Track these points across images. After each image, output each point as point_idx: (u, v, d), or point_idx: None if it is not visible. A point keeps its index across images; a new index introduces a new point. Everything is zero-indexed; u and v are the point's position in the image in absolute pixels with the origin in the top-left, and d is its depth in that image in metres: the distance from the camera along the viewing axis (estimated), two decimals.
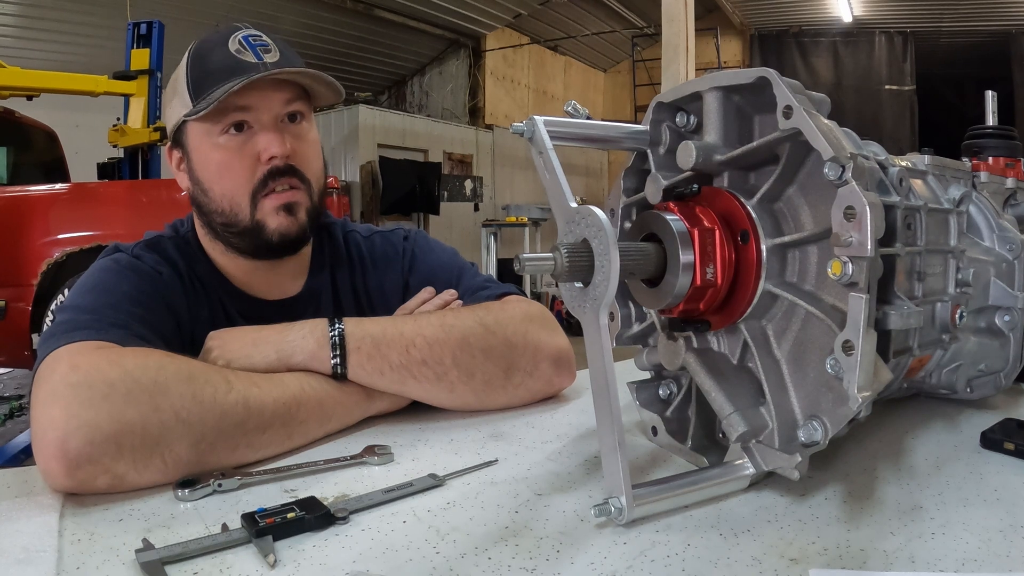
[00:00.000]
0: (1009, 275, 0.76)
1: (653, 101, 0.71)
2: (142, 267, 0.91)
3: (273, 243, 0.94)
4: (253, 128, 0.92)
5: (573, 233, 0.57)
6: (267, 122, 0.92)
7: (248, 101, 0.90)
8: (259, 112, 0.91)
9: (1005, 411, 0.84)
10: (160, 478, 0.66)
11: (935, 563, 0.50)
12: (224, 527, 0.55)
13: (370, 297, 1.09)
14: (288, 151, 0.92)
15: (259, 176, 0.92)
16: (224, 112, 0.90)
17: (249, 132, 0.92)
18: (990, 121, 0.88)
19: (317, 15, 9.38)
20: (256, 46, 0.91)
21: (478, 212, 10.19)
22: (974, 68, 10.36)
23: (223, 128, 0.91)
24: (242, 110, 0.91)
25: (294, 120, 0.95)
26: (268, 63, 0.90)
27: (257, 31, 0.93)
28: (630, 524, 0.56)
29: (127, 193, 4.30)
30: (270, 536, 0.53)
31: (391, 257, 1.13)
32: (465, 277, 1.07)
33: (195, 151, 0.95)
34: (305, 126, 0.97)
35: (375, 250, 1.13)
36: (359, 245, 1.12)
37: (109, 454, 0.63)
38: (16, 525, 0.58)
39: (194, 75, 0.92)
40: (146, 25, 5.20)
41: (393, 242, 1.14)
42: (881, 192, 0.62)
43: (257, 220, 0.93)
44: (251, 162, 0.92)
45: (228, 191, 0.93)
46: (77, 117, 6.49)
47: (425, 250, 1.14)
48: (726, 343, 0.66)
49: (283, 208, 0.93)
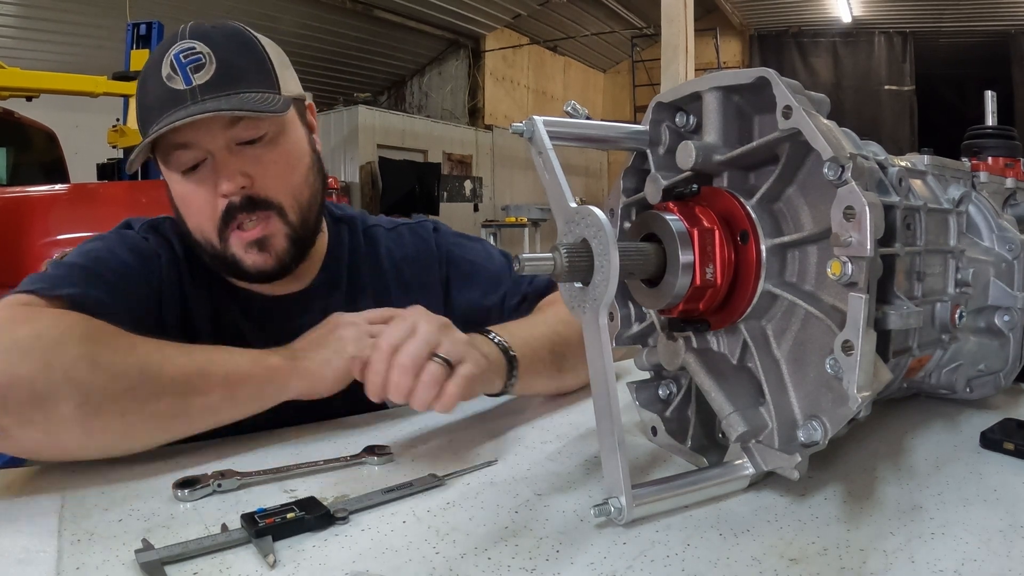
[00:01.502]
0: (1009, 275, 0.76)
1: (653, 101, 0.71)
2: (143, 246, 0.90)
3: (253, 277, 0.90)
4: (206, 162, 0.84)
5: (573, 233, 0.57)
6: (216, 151, 0.84)
7: (184, 138, 0.82)
8: (203, 144, 0.83)
9: (1005, 411, 0.84)
10: (42, 436, 0.64)
11: (935, 563, 0.50)
12: (224, 527, 0.55)
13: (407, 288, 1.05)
14: (240, 184, 0.84)
15: (220, 211, 0.85)
16: (168, 152, 0.84)
17: (203, 167, 0.85)
18: (990, 121, 0.88)
19: (316, 15, 9.39)
20: (187, 65, 0.82)
21: (478, 212, 10.21)
22: (974, 68, 10.38)
23: (177, 168, 0.85)
24: (183, 147, 0.83)
25: (253, 143, 0.85)
26: (198, 85, 0.81)
27: (192, 41, 0.83)
28: (630, 524, 0.56)
29: (126, 194, 4.31)
30: (270, 536, 0.53)
31: (424, 255, 1.09)
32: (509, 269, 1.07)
33: (166, 177, 0.89)
34: (266, 145, 0.86)
35: (406, 247, 1.08)
36: (383, 241, 1.08)
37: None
38: (16, 525, 0.58)
39: (139, 107, 0.86)
40: (145, 26, 5.21)
41: (423, 236, 1.10)
42: (881, 192, 0.62)
43: (232, 255, 0.87)
44: (210, 196, 0.85)
45: (195, 226, 0.88)
46: (77, 118, 6.49)
47: (459, 246, 1.11)
48: (726, 343, 0.66)
49: (254, 244, 0.87)
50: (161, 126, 0.80)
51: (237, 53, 0.85)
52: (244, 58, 0.86)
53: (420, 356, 0.71)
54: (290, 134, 0.90)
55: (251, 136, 0.85)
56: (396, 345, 0.72)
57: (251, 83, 0.84)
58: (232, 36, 0.87)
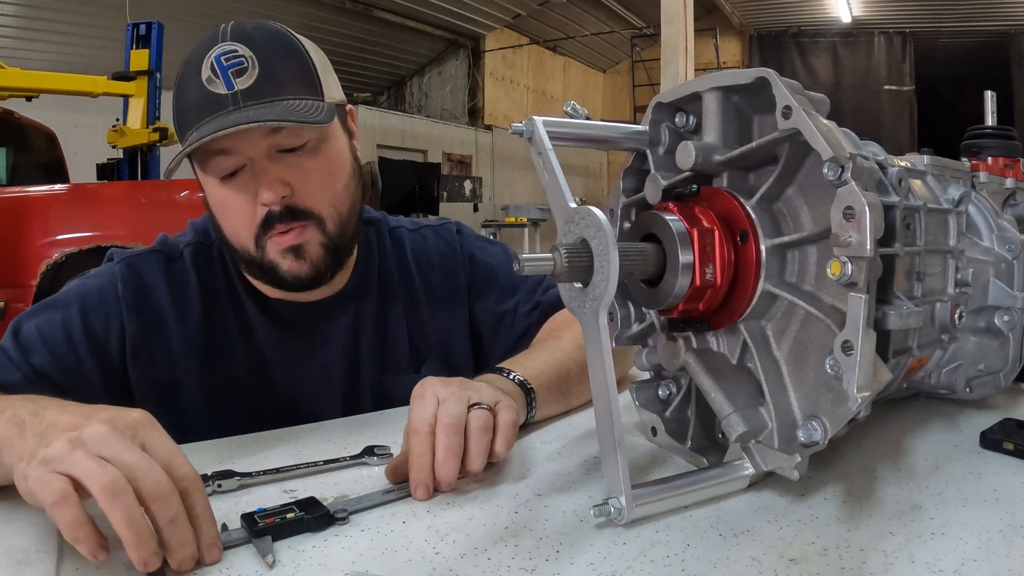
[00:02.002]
0: (1008, 275, 0.76)
1: (652, 101, 0.71)
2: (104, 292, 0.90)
3: (288, 284, 0.88)
4: (245, 168, 0.84)
5: (572, 233, 0.57)
6: (256, 158, 0.83)
7: (224, 144, 0.81)
8: (243, 150, 0.82)
9: (1005, 411, 0.84)
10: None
11: (935, 563, 0.50)
12: (223, 527, 0.55)
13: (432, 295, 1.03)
14: (281, 194, 0.83)
15: (259, 219, 0.84)
16: (208, 157, 0.83)
17: (242, 174, 0.84)
18: (989, 121, 0.88)
19: (316, 15, 9.39)
20: (228, 68, 0.80)
21: (477, 213, 10.20)
22: (973, 68, 10.39)
23: (216, 174, 0.84)
24: (223, 153, 0.82)
25: (293, 151, 0.84)
26: (240, 91, 0.80)
27: (234, 43, 0.81)
28: (630, 524, 0.56)
29: (126, 194, 4.30)
30: (269, 536, 0.53)
31: (449, 258, 1.07)
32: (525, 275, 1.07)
33: (202, 182, 0.89)
34: (307, 153, 0.85)
35: (429, 249, 1.07)
36: (408, 242, 1.06)
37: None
38: (16, 526, 0.58)
39: (176, 109, 0.85)
40: (145, 26, 5.21)
41: (447, 239, 1.09)
42: (880, 192, 0.62)
43: (268, 261, 0.87)
44: (249, 203, 0.84)
45: (232, 232, 0.88)
46: (76, 118, 6.49)
47: (481, 249, 1.10)
48: (725, 343, 0.66)
49: (290, 251, 0.86)
50: (203, 135, 0.78)
51: (280, 57, 0.84)
52: (287, 63, 0.84)
53: (461, 414, 0.65)
54: (332, 142, 0.88)
55: (293, 144, 0.84)
56: (429, 419, 0.65)
57: (294, 90, 0.83)
58: (274, 38, 0.85)
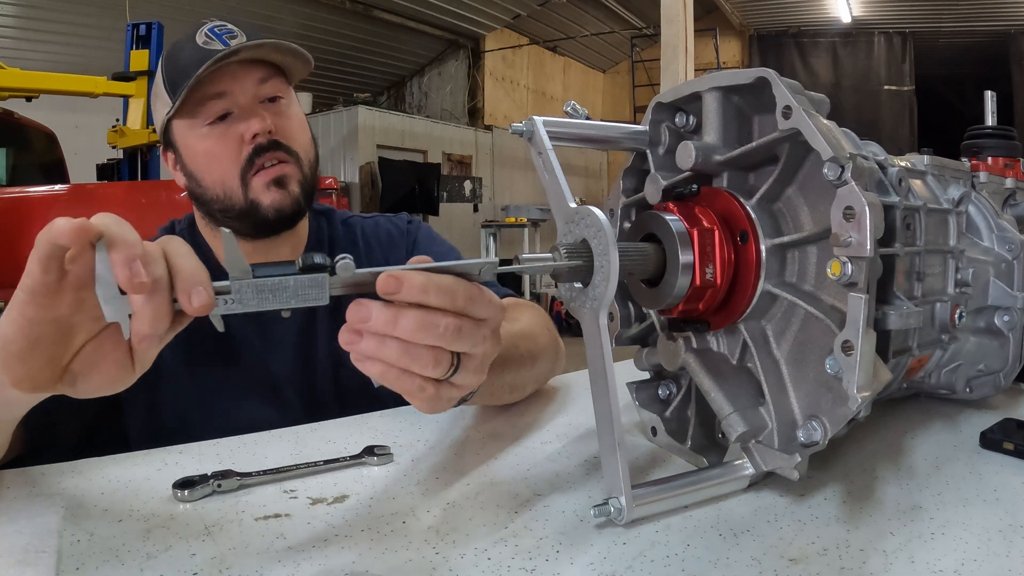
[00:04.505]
0: (1008, 275, 0.76)
1: (652, 101, 0.71)
2: None
3: (270, 220, 0.97)
4: (234, 114, 0.95)
5: (572, 233, 0.57)
6: (245, 104, 0.95)
7: (221, 86, 0.94)
8: (235, 96, 0.95)
9: (1004, 411, 0.84)
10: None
11: (935, 563, 0.50)
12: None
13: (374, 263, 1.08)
14: (270, 127, 0.95)
15: (245, 156, 0.95)
16: (202, 103, 0.94)
17: (230, 119, 0.95)
18: (989, 121, 0.88)
19: (316, 16, 9.39)
20: (222, 35, 0.95)
21: (477, 213, 10.20)
22: (973, 68, 10.39)
23: (205, 119, 0.95)
24: (218, 96, 0.94)
25: (274, 101, 0.99)
26: (234, 48, 0.92)
27: (223, 22, 0.97)
28: (630, 524, 0.56)
29: (126, 194, 4.32)
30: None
31: (395, 237, 1.16)
32: None
33: (184, 147, 0.98)
34: (284, 104, 1.00)
35: (379, 230, 1.16)
36: (360, 226, 1.15)
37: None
38: (16, 526, 0.58)
39: (168, 74, 0.96)
40: (145, 26, 5.22)
41: (397, 224, 1.17)
42: (880, 192, 0.62)
43: (251, 200, 0.96)
44: (236, 145, 0.95)
45: (218, 177, 0.96)
46: (76, 118, 6.50)
47: (429, 238, 1.17)
48: (725, 343, 0.66)
49: (273, 183, 0.96)
50: (206, 65, 0.89)
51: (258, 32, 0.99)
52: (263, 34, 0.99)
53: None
54: (295, 105, 1.04)
55: (276, 94, 0.98)
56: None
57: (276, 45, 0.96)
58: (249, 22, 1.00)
